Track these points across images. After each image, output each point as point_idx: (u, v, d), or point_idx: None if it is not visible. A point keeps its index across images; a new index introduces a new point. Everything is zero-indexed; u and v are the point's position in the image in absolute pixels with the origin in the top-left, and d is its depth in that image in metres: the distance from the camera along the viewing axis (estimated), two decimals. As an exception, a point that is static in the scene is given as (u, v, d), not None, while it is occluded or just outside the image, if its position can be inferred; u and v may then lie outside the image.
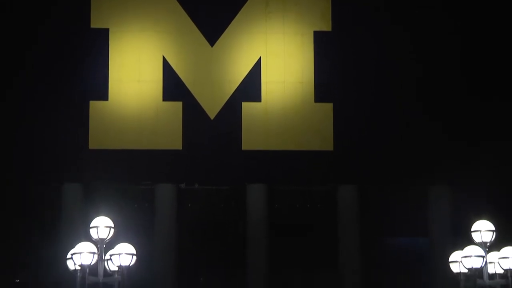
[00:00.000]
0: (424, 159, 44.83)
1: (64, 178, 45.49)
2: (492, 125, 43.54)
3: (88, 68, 44.80)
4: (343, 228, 47.73)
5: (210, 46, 45.74)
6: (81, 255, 20.61)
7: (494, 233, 21.30)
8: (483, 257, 20.92)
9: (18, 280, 45.84)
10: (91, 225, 21.42)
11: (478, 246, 21.19)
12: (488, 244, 21.17)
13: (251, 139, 45.65)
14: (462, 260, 21.48)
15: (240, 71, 45.69)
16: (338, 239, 47.61)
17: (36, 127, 43.77)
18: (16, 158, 43.63)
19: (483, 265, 20.83)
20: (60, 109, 44.09)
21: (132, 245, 21.82)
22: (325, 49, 45.90)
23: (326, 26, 46.24)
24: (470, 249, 21.23)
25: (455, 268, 22.12)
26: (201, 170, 45.85)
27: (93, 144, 44.72)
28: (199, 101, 45.28)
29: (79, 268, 20.56)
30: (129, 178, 45.66)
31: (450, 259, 22.73)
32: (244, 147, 45.65)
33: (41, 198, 45.44)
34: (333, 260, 47.13)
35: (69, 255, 21.67)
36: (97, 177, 44.89)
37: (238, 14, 46.11)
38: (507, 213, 27.36)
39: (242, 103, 45.52)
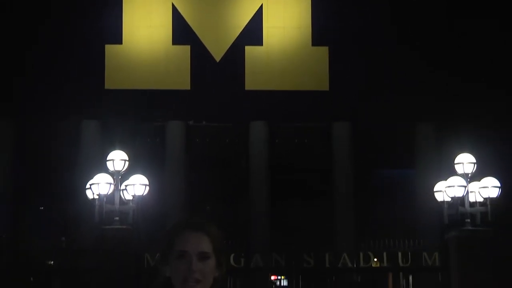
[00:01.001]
0: (412, 98, 44.85)
1: (83, 116, 45.66)
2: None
3: (103, 15, 44.81)
4: (338, 160, 47.96)
5: (216, -7, 45.99)
6: (99, 186, 20.69)
7: (475, 165, 21.36)
8: (465, 187, 20.99)
9: (42, 208, 46.20)
10: (107, 158, 21.48)
11: (461, 177, 21.25)
12: (469, 175, 21.23)
13: (254, 80, 45.73)
14: (445, 190, 21.56)
15: (243, 17, 45.64)
16: (333, 171, 47.88)
17: (57, 70, 43.84)
18: (40, 96, 43.72)
19: (464, 194, 20.91)
20: (78, 52, 44.16)
21: (145, 176, 21.88)
22: (321, -4, 46.14)
23: (323, -26, 46.24)
24: (453, 180, 21.29)
25: (439, 197, 22.20)
26: (208, 109, 45.96)
27: (108, 85, 44.93)
28: (205, 44, 45.26)
29: (97, 197, 20.64)
30: (142, 116, 45.88)
31: (434, 189, 22.82)
32: (247, 87, 45.75)
33: (63, 134, 45.62)
34: (328, 189, 47.43)
35: (88, 186, 21.77)
36: (113, 114, 45.04)
37: (241, -36, 46.12)
38: (487, 146, 27.40)
39: (245, 46, 45.51)
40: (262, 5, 45.80)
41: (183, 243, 3.10)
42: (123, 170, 21.21)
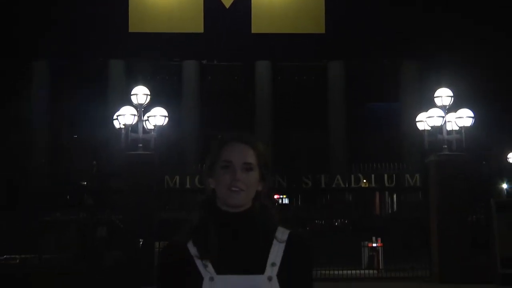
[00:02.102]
0: (399, 38, 44.68)
1: (110, 56, 45.66)
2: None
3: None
4: (332, 95, 47.96)
5: None
6: (124, 117, 20.70)
7: (452, 98, 21.31)
8: (443, 117, 20.98)
9: (76, 136, 46.37)
10: (132, 93, 21.43)
11: (439, 108, 21.22)
12: (447, 107, 21.18)
13: (259, 24, 45.61)
14: (426, 120, 21.54)
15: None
16: (328, 103, 47.91)
17: (86, 16, 43.64)
18: (73, 40, 43.58)
19: (442, 123, 20.91)
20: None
21: (164, 108, 21.90)
22: None
23: None
24: (432, 111, 21.26)
25: (420, 126, 22.19)
26: (219, 50, 45.90)
27: (132, 28, 44.88)
28: (216, -8, 45.35)
29: (123, 126, 20.69)
30: (162, 55, 45.81)
31: (416, 119, 22.79)
32: (253, 30, 45.69)
33: (93, 72, 45.62)
34: (324, 120, 47.52)
35: (115, 117, 21.79)
36: (136, 55, 45.01)
37: None
38: (463, 82, 27.30)
39: (252, -7, 45.71)
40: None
41: (228, 153, 2.78)
42: (145, 103, 21.18)
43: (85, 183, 24.56)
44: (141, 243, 20.42)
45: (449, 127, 20.93)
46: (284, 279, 2.63)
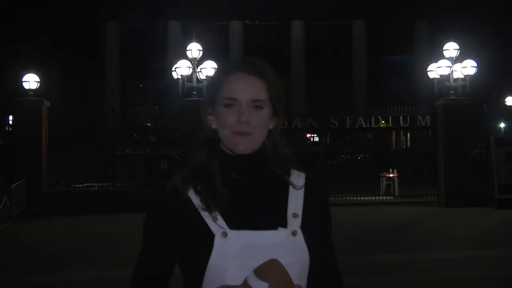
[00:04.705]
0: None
1: (168, 17, 45.59)
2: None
3: None
4: (355, 49, 47.51)
5: None
6: (181, 69, 20.71)
7: (458, 51, 20.91)
8: (450, 67, 20.62)
9: (141, 85, 46.69)
10: (187, 49, 21.37)
11: (447, 59, 20.85)
12: (454, 58, 20.80)
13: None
14: (436, 69, 21.21)
15: None
16: (352, 55, 47.50)
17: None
18: (139, 3, 43.63)
19: (450, 72, 20.56)
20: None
21: (214, 62, 21.83)
22: None
23: None
24: (441, 62, 20.89)
25: (431, 75, 21.85)
26: (259, 10, 45.61)
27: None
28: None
29: (180, 77, 20.70)
30: (212, 16, 45.65)
31: (427, 69, 22.45)
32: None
33: (152, 32, 45.67)
34: (348, 70, 47.18)
35: (173, 68, 21.79)
36: (190, 16, 44.86)
37: None
38: (468, 36, 26.74)
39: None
40: None
41: (232, 88, 1.77)
42: (198, 57, 21.13)
43: (149, 124, 24.76)
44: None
45: (455, 75, 20.58)
46: (307, 233, 1.74)
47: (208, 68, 20.74)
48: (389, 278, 8.37)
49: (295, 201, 1.79)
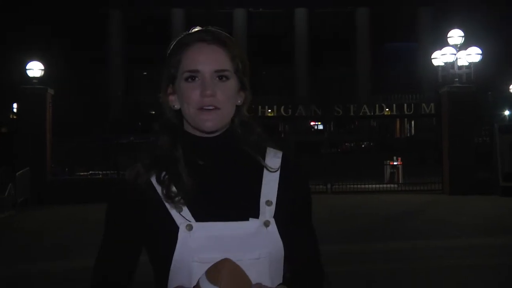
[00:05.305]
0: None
1: (172, 4, 45.51)
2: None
3: None
4: (360, 36, 47.35)
5: None
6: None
7: (463, 38, 20.80)
8: (455, 54, 20.52)
9: (145, 73, 46.56)
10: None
11: (452, 47, 20.75)
12: (458, 45, 20.69)
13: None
14: (440, 57, 21.12)
15: None
16: (356, 43, 47.37)
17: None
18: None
19: (454, 60, 20.48)
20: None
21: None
22: None
23: None
24: (446, 49, 20.79)
25: (435, 62, 21.75)
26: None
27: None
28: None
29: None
30: (216, 3, 45.57)
31: (432, 56, 22.34)
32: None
33: (158, 19, 45.60)
34: (353, 57, 47.04)
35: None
36: (194, 3, 44.80)
37: None
38: (472, 23, 26.60)
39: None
40: None
41: (192, 60, 1.58)
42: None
43: (153, 112, 24.75)
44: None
45: (460, 63, 20.49)
46: (281, 221, 1.56)
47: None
48: (391, 266, 8.39)
49: (269, 186, 1.61)
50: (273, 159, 1.65)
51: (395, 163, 23.93)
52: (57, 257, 9.52)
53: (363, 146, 41.38)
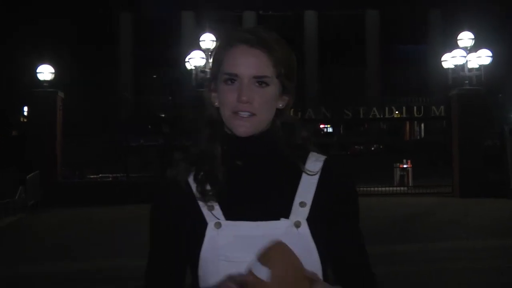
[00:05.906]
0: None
1: (182, 7, 45.67)
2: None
3: None
4: (369, 37, 47.30)
5: None
6: (194, 59, 20.69)
7: (473, 40, 20.78)
8: (465, 56, 20.50)
9: (155, 75, 46.77)
10: (200, 39, 21.31)
11: (462, 49, 20.73)
12: (468, 47, 20.67)
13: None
14: (450, 59, 21.11)
15: None
16: (366, 45, 47.30)
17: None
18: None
19: (464, 62, 20.46)
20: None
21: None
22: None
23: None
24: (456, 51, 20.78)
25: (445, 64, 21.73)
26: (273, 0, 45.58)
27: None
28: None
29: (193, 67, 20.68)
30: (226, 6, 45.59)
31: (442, 59, 22.31)
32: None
33: (169, 22, 45.68)
34: (362, 60, 46.98)
35: (187, 59, 21.79)
36: (204, 5, 44.81)
37: None
38: (483, 26, 26.53)
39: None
40: None
41: (232, 63, 1.56)
42: (212, 48, 21.08)
43: (163, 114, 24.82)
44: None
45: (470, 65, 20.47)
46: (317, 223, 1.53)
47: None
48: (401, 269, 8.40)
49: (306, 188, 1.57)
50: (314, 162, 1.63)
51: (404, 165, 23.91)
52: (68, 258, 9.58)
53: (372, 148, 41.33)
